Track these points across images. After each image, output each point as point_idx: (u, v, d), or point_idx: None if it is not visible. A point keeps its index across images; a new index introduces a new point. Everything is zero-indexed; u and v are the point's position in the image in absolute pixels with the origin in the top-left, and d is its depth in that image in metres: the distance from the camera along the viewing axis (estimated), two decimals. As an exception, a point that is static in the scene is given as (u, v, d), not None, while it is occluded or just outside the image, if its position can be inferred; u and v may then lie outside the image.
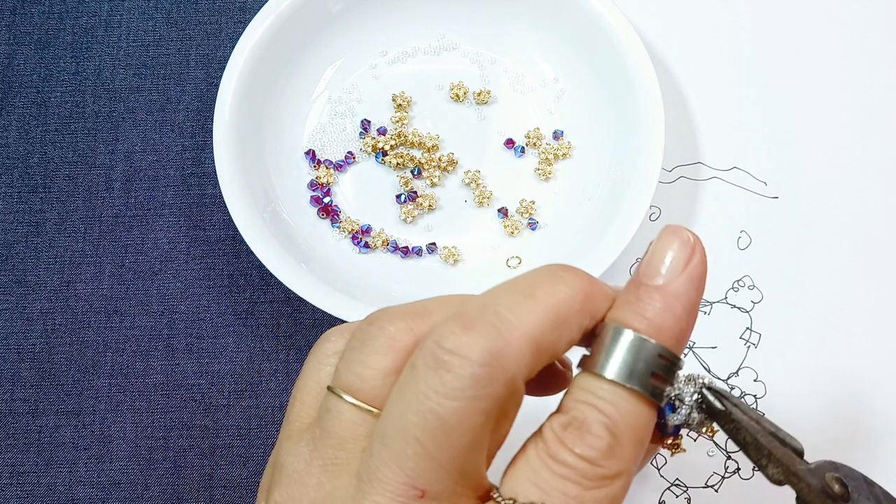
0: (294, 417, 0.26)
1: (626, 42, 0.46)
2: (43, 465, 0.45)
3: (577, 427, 0.23)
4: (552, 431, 0.23)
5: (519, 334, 0.23)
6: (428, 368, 0.23)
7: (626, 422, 0.23)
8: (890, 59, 0.50)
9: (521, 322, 0.23)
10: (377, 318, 0.25)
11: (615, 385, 0.23)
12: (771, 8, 0.51)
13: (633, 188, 0.44)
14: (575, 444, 0.23)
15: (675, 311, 0.24)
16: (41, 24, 0.51)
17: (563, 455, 0.23)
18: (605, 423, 0.23)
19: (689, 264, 0.25)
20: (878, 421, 0.45)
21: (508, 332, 0.23)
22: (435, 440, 0.22)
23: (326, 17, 0.48)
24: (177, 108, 0.50)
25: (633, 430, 0.23)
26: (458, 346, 0.23)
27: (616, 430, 0.23)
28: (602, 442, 0.23)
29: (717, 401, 0.25)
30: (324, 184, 0.47)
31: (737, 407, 0.25)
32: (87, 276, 0.47)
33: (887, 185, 0.48)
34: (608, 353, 0.24)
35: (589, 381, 0.24)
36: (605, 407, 0.23)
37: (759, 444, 0.24)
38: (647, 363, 0.24)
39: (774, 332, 0.46)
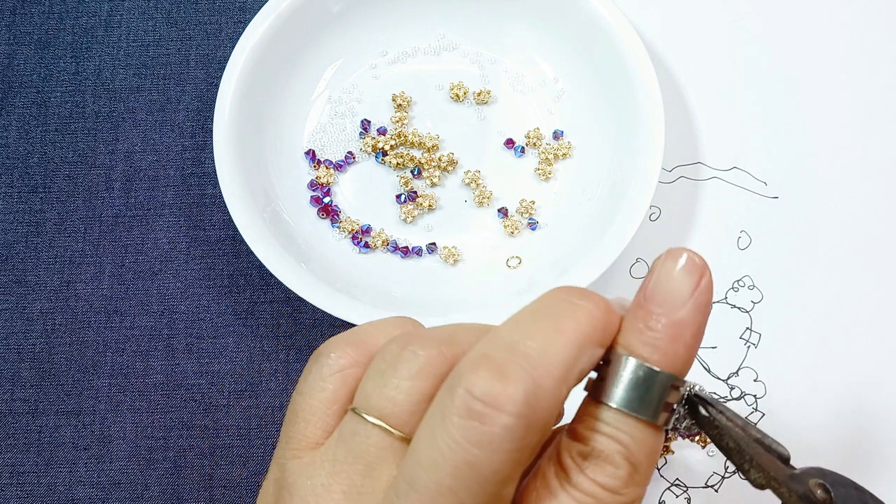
0: (298, 436, 0.26)
1: (626, 42, 0.46)
2: (43, 465, 0.45)
3: (596, 457, 0.24)
4: (572, 461, 0.24)
5: (551, 377, 0.23)
6: (461, 418, 0.22)
7: (641, 450, 0.24)
8: (890, 59, 0.50)
9: (551, 363, 0.23)
10: (408, 342, 0.25)
11: (630, 417, 0.24)
12: (771, 8, 0.51)
13: (633, 188, 0.44)
14: (597, 475, 0.24)
15: (686, 341, 0.24)
16: (41, 24, 0.51)
17: (586, 485, 0.24)
18: (623, 453, 0.24)
19: (697, 290, 0.24)
20: (879, 421, 0.45)
21: (541, 378, 0.23)
22: (469, 490, 0.22)
23: (326, 17, 0.48)
24: (177, 108, 0.50)
25: (649, 456, 0.24)
26: (493, 396, 0.22)
27: (633, 458, 0.24)
28: (622, 471, 0.24)
29: (702, 408, 0.25)
30: (324, 184, 0.47)
31: (722, 413, 0.25)
32: (87, 276, 0.47)
33: (887, 185, 0.48)
34: (622, 385, 0.24)
35: (604, 413, 0.24)
36: (623, 438, 0.24)
37: (741, 449, 0.25)
38: (661, 395, 0.24)
39: (774, 332, 0.46)
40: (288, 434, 0.26)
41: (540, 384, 0.22)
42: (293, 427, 0.26)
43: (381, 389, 0.24)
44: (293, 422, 0.26)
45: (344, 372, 0.26)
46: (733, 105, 0.50)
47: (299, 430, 0.26)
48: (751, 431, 0.26)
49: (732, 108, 0.50)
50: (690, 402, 0.25)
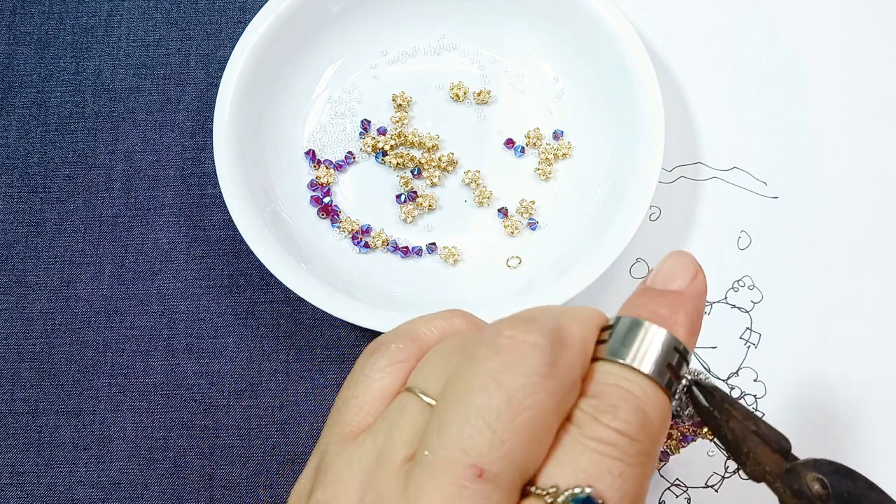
0: (345, 421, 0.26)
1: (626, 42, 0.46)
2: (43, 465, 0.45)
3: (609, 405, 0.23)
4: (585, 414, 0.23)
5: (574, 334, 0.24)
6: (490, 352, 0.23)
7: (651, 405, 0.24)
8: (890, 59, 0.50)
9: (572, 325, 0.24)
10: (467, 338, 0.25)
11: (636, 372, 0.24)
12: (771, 8, 0.51)
13: (633, 188, 0.44)
14: (612, 421, 0.23)
15: (686, 310, 0.26)
16: (41, 24, 0.51)
17: (601, 432, 0.23)
18: (634, 401, 0.23)
19: (695, 279, 0.26)
20: (879, 420, 0.45)
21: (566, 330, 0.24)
22: (500, 416, 0.22)
23: (326, 17, 0.48)
24: (177, 108, 0.50)
25: (659, 414, 0.24)
26: (523, 332, 0.23)
27: (646, 407, 0.23)
28: (637, 417, 0.23)
29: (702, 397, 0.26)
30: (324, 184, 0.47)
31: (724, 402, 0.26)
32: (87, 276, 0.47)
33: (887, 185, 0.48)
34: (626, 342, 0.24)
35: (611, 368, 0.24)
36: (633, 388, 0.24)
37: (738, 441, 0.25)
38: (664, 353, 0.24)
39: (774, 332, 0.46)
40: (335, 420, 0.26)
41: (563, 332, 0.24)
42: (342, 414, 0.26)
43: (436, 372, 0.25)
44: (343, 409, 0.26)
45: (401, 364, 0.26)
46: (733, 105, 0.50)
47: (348, 416, 0.26)
48: (750, 423, 0.26)
49: (732, 108, 0.50)
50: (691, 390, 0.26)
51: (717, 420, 0.25)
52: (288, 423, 0.45)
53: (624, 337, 0.25)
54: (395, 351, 0.26)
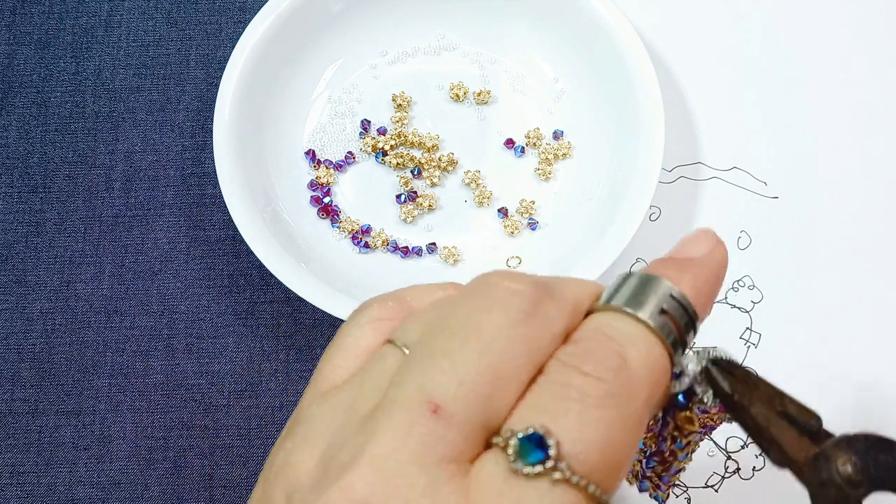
0: (325, 377, 0.25)
1: (626, 42, 0.46)
2: (43, 465, 0.45)
3: (583, 349, 0.22)
4: (556, 360, 0.22)
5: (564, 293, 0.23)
6: (470, 296, 0.22)
7: (636, 347, 0.22)
8: (890, 59, 0.50)
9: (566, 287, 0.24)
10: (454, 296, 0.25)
11: (618, 314, 0.23)
12: (771, 8, 0.51)
13: (633, 188, 0.44)
14: (581, 364, 0.21)
15: (695, 272, 0.24)
16: (41, 24, 0.51)
17: (566, 376, 0.21)
18: (611, 346, 0.22)
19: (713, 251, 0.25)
20: (879, 420, 0.45)
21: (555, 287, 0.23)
22: (465, 357, 0.21)
23: (326, 17, 0.48)
24: (177, 108, 0.50)
25: (644, 356, 0.22)
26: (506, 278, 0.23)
27: (625, 352, 0.22)
28: (609, 360, 0.21)
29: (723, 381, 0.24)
30: (324, 184, 0.47)
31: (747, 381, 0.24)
32: (87, 276, 0.47)
33: (887, 185, 0.48)
34: (618, 288, 0.23)
35: (596, 315, 0.23)
36: (612, 332, 0.22)
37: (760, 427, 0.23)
38: (658, 297, 0.23)
39: (774, 332, 0.46)
40: (314, 378, 0.25)
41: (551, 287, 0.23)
42: (321, 373, 0.25)
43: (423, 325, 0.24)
44: (322, 368, 0.25)
45: (381, 321, 0.25)
46: (733, 105, 0.50)
47: (326, 373, 0.25)
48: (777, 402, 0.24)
49: (732, 108, 0.50)
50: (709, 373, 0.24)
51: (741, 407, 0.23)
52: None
53: (615, 287, 0.24)
54: (378, 309, 0.25)
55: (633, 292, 0.23)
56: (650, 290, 0.23)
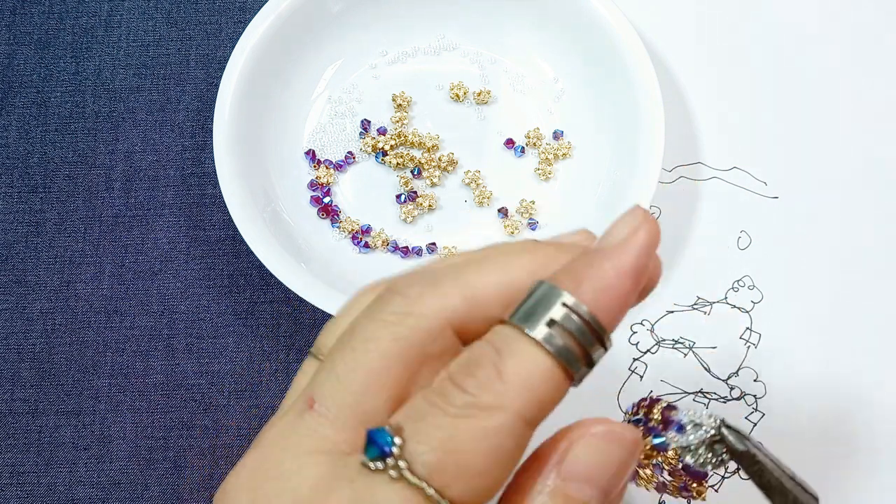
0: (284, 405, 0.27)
1: (626, 42, 0.46)
2: (43, 465, 0.45)
3: (465, 360, 0.23)
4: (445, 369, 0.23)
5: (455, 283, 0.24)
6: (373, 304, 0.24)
7: (514, 360, 0.22)
8: (890, 59, 0.50)
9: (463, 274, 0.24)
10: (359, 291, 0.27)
11: (509, 325, 0.23)
12: (771, 8, 0.51)
13: (633, 188, 0.44)
14: (456, 375, 0.22)
15: (603, 269, 0.23)
16: (41, 24, 0.51)
17: (442, 384, 0.22)
18: (489, 356, 0.22)
19: (636, 233, 0.24)
20: (879, 420, 0.45)
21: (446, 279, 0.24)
22: (341, 353, 0.23)
23: (326, 17, 0.48)
24: (177, 108, 0.50)
25: (521, 371, 0.22)
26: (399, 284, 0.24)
27: (501, 366, 0.22)
28: (483, 374, 0.22)
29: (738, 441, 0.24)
30: (324, 184, 0.47)
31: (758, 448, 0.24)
32: (87, 276, 0.47)
33: (887, 184, 0.48)
34: (525, 299, 0.23)
35: (500, 325, 0.23)
36: (501, 345, 0.22)
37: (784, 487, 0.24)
38: (546, 308, 0.22)
39: (774, 332, 0.46)
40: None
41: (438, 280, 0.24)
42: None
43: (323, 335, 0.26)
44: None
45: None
46: (733, 105, 0.50)
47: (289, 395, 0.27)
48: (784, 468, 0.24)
49: (732, 108, 0.50)
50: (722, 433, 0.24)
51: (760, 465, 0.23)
52: (288, 423, 0.45)
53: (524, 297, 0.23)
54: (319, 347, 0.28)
55: (530, 304, 0.23)
56: (544, 300, 0.23)
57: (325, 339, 0.26)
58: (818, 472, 0.44)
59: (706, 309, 0.47)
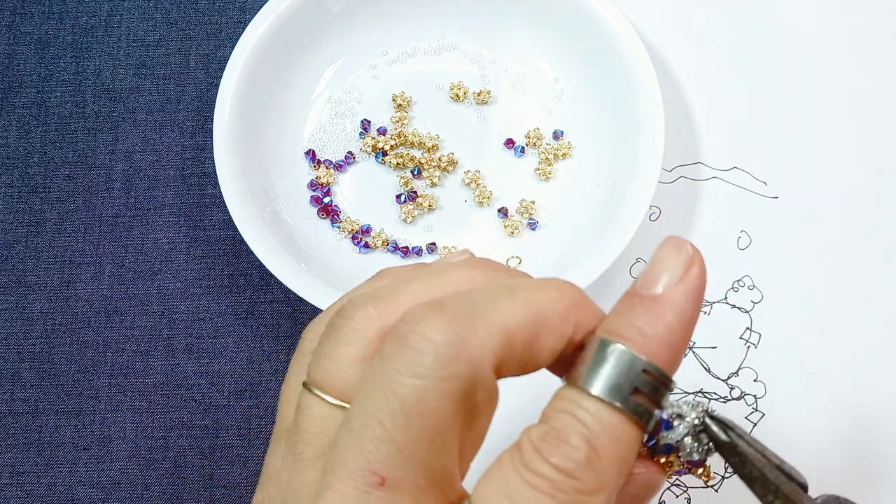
0: (279, 418, 0.26)
1: (626, 42, 0.46)
2: (43, 465, 0.45)
3: (554, 437, 0.22)
4: (529, 441, 0.22)
5: (490, 322, 0.22)
6: (393, 348, 0.22)
7: (607, 435, 0.22)
8: (890, 59, 0.50)
9: (494, 311, 0.23)
10: (344, 308, 0.25)
11: (594, 399, 0.22)
12: (771, 8, 0.51)
13: (633, 188, 0.44)
14: (551, 454, 0.22)
15: (667, 322, 0.23)
16: (41, 24, 0.51)
17: (538, 465, 0.22)
18: (584, 434, 0.22)
19: (687, 275, 0.24)
20: (879, 420, 0.45)
21: (479, 318, 0.22)
22: (395, 421, 0.21)
23: (326, 17, 0.48)
24: (177, 108, 0.50)
25: (615, 445, 0.22)
26: (425, 325, 0.22)
27: (596, 442, 0.22)
28: (580, 454, 0.22)
29: (721, 431, 0.24)
30: (324, 184, 0.47)
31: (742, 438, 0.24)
32: (87, 276, 0.47)
33: (887, 184, 0.48)
34: (590, 365, 0.23)
35: (570, 392, 0.23)
36: (586, 418, 0.22)
37: (765, 478, 0.24)
38: (630, 378, 0.23)
39: (774, 332, 0.46)
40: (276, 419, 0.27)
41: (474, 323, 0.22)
42: (278, 411, 0.27)
43: (317, 360, 0.24)
44: (279, 407, 0.27)
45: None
46: (733, 105, 0.50)
47: (281, 412, 0.26)
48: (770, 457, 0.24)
49: (732, 108, 0.50)
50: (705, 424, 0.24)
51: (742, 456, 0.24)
52: (288, 423, 0.45)
53: (588, 359, 0.23)
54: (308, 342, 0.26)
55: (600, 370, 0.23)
56: (623, 370, 0.23)
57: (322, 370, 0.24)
58: (818, 472, 0.44)
59: (706, 309, 0.47)
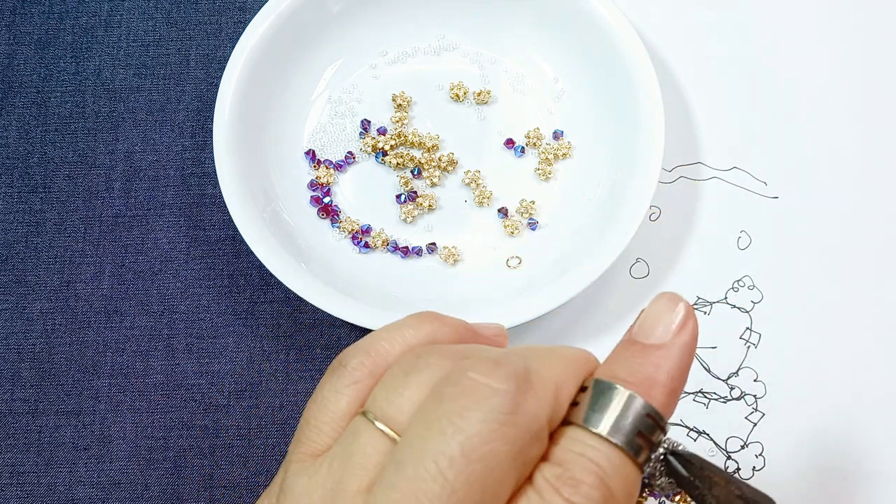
0: (306, 440, 0.26)
1: (626, 42, 0.46)
2: (43, 465, 0.45)
3: (571, 477, 0.23)
4: (545, 481, 0.23)
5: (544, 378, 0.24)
6: (454, 393, 0.23)
7: (618, 478, 0.23)
8: (890, 59, 0.50)
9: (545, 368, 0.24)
10: (424, 352, 0.25)
11: (604, 440, 0.23)
12: (771, 8, 0.51)
13: (633, 188, 0.44)
14: (572, 495, 0.22)
15: (667, 370, 0.25)
16: (41, 24, 0.51)
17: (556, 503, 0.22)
18: (598, 474, 0.23)
19: (683, 329, 0.25)
20: (878, 421, 0.45)
21: (535, 374, 0.23)
22: (453, 463, 0.22)
23: (326, 17, 0.48)
24: (177, 108, 0.50)
25: (624, 483, 0.23)
26: (487, 375, 0.23)
27: (609, 482, 0.23)
28: (598, 493, 0.22)
29: (681, 467, 0.25)
30: (324, 184, 0.47)
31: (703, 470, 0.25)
32: (87, 276, 0.47)
33: (887, 184, 0.48)
34: (598, 408, 0.24)
35: (578, 433, 0.24)
36: (598, 458, 0.23)
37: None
38: (635, 421, 0.24)
39: (774, 332, 0.46)
40: (298, 439, 0.26)
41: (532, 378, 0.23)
42: (303, 433, 0.26)
43: (391, 396, 0.24)
44: (304, 428, 0.26)
45: (359, 384, 0.26)
46: (733, 105, 0.50)
47: (310, 436, 0.26)
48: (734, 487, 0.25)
49: (732, 108, 0.50)
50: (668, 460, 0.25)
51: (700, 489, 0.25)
52: (288, 423, 0.45)
53: (594, 401, 0.24)
54: (352, 370, 0.26)
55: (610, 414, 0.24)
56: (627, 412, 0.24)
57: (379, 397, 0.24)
58: (818, 472, 0.44)
59: (706, 309, 0.47)
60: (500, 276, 0.46)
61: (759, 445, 0.45)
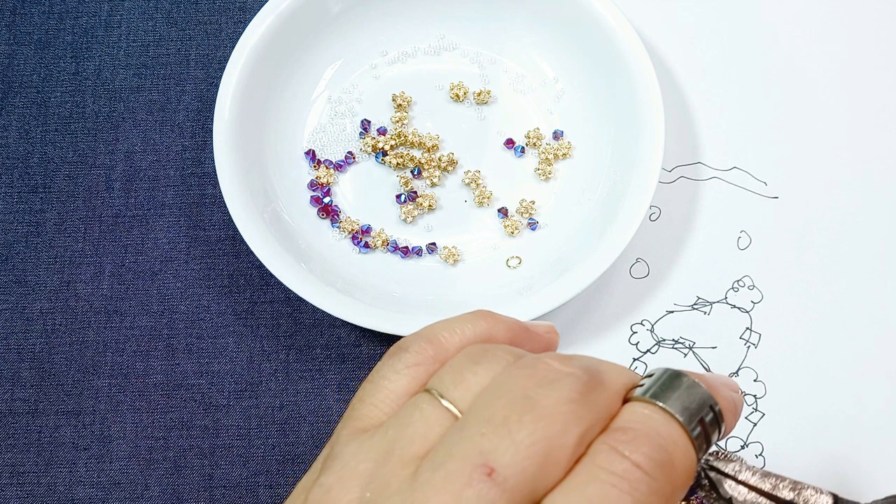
0: (358, 416, 0.25)
1: (626, 42, 0.46)
2: (43, 465, 0.45)
3: (632, 437, 0.22)
4: (603, 444, 0.22)
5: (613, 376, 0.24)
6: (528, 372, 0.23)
7: (679, 450, 0.22)
8: (890, 59, 0.50)
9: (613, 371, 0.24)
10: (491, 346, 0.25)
11: (668, 416, 0.23)
12: (770, 8, 0.51)
13: (633, 188, 0.44)
14: (632, 452, 0.22)
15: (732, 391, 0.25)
16: (41, 24, 0.51)
17: (616, 463, 0.22)
18: (660, 441, 0.22)
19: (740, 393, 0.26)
20: (878, 420, 0.45)
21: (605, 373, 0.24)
22: (523, 425, 0.22)
23: (326, 17, 0.48)
24: (177, 108, 0.50)
25: (685, 460, 0.23)
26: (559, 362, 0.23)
27: (672, 450, 0.22)
28: (659, 455, 0.22)
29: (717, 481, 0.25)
30: (324, 184, 0.47)
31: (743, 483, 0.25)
32: (87, 276, 0.47)
33: (887, 184, 0.48)
34: (665, 388, 0.24)
35: (642, 407, 0.23)
36: (662, 428, 0.23)
37: None
38: (700, 406, 0.23)
39: (774, 332, 0.46)
40: (349, 416, 0.26)
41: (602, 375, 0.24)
42: (356, 410, 0.26)
43: (457, 378, 0.24)
44: (357, 406, 0.26)
45: (419, 367, 0.26)
46: (733, 105, 0.50)
47: (363, 411, 0.25)
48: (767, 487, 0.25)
49: (732, 108, 0.50)
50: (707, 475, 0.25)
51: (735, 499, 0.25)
52: (288, 423, 0.45)
53: (663, 383, 0.24)
54: (413, 354, 0.26)
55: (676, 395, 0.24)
56: (693, 396, 0.24)
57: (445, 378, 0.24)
58: (818, 472, 0.44)
59: (706, 309, 0.47)
60: (500, 276, 0.46)
61: (759, 445, 0.45)
